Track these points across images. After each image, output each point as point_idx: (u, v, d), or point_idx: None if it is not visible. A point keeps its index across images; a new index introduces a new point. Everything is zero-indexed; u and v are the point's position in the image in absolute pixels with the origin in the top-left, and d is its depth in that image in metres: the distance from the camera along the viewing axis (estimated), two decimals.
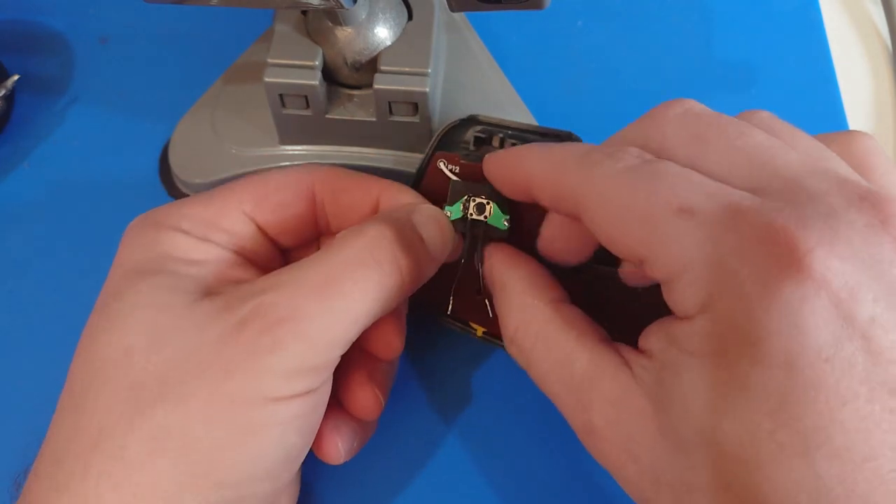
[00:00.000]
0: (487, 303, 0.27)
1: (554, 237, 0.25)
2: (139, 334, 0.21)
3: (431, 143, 0.28)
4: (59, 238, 0.34)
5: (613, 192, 0.20)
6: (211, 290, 0.23)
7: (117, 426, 0.20)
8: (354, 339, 0.23)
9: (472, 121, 0.29)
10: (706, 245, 0.18)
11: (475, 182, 0.27)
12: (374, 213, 0.27)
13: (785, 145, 0.20)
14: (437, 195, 0.28)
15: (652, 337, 0.20)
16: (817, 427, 0.17)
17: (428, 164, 0.28)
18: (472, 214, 0.26)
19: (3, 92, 0.35)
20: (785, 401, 0.17)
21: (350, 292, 0.22)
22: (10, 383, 0.31)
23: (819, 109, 0.37)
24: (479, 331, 0.29)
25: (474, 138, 0.28)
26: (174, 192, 0.34)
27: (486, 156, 0.26)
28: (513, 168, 0.24)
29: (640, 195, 0.20)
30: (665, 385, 0.19)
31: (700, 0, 0.39)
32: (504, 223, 0.26)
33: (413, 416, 0.31)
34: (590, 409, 0.21)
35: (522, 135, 0.28)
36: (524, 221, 0.27)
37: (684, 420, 0.18)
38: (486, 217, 0.26)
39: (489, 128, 0.28)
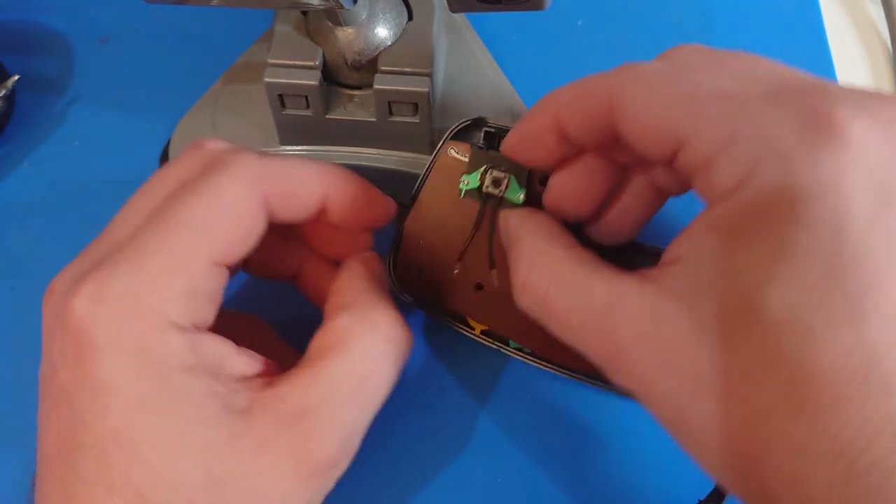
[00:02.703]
0: (494, 273, 0.27)
1: (564, 184, 0.25)
2: (198, 487, 0.21)
3: (444, 138, 0.28)
4: (59, 238, 0.34)
5: (653, 80, 0.21)
6: (237, 405, 0.22)
7: None
8: None
9: (480, 123, 0.29)
10: (748, 120, 0.19)
11: (496, 153, 0.27)
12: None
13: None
14: (445, 191, 0.28)
15: (681, 241, 0.20)
16: (868, 292, 0.16)
17: (436, 158, 0.28)
18: (488, 187, 0.27)
19: (3, 92, 0.35)
20: (834, 264, 0.17)
21: (381, 388, 0.24)
22: (10, 383, 0.31)
23: None
24: (478, 329, 0.29)
25: (484, 132, 0.29)
26: None
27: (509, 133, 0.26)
28: (540, 109, 0.24)
29: (680, 81, 0.20)
30: (701, 278, 0.19)
31: (700, 0, 0.39)
32: (520, 197, 0.26)
33: (412, 417, 0.31)
34: (615, 329, 0.20)
35: None
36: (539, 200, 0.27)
37: (725, 304, 0.18)
38: (501, 191, 0.26)
39: (498, 129, 0.29)
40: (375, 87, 0.29)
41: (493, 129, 0.29)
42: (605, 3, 0.39)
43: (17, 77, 0.35)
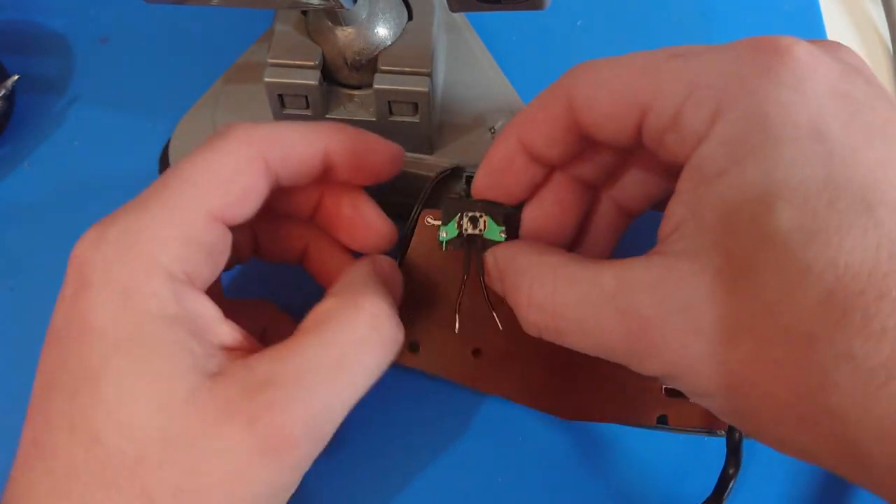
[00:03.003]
0: (496, 315, 0.26)
1: (537, 216, 0.26)
2: (152, 441, 0.20)
3: (420, 199, 0.28)
4: (59, 238, 0.34)
5: (604, 63, 0.22)
6: (208, 367, 0.21)
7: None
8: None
9: (458, 171, 0.29)
10: (702, 68, 0.20)
11: (467, 200, 0.27)
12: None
13: None
14: (427, 258, 0.28)
15: (673, 209, 0.20)
16: (869, 187, 0.17)
17: (416, 224, 0.28)
18: (467, 229, 0.26)
19: (3, 92, 0.35)
20: (829, 168, 0.17)
21: (358, 375, 0.22)
22: (10, 383, 0.31)
23: None
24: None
25: (465, 178, 0.29)
26: None
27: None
28: (502, 139, 0.25)
29: (632, 58, 0.21)
30: (704, 227, 0.18)
31: (700, 0, 0.39)
32: (500, 234, 0.26)
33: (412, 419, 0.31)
34: (633, 306, 0.19)
35: None
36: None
37: (739, 241, 0.18)
38: (482, 230, 0.26)
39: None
40: (375, 86, 0.29)
41: (472, 175, 0.28)
42: (605, 3, 0.39)
43: (17, 77, 0.35)
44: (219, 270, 0.24)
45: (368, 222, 0.27)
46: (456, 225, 0.26)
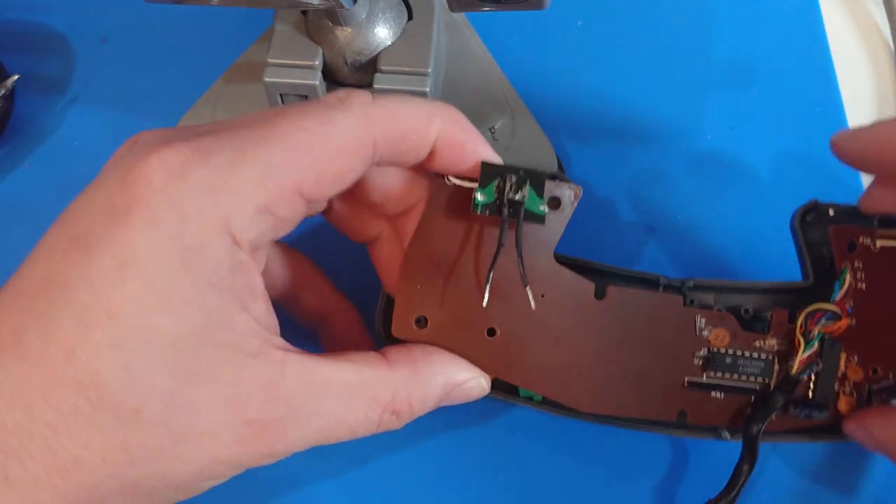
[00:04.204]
0: (529, 292, 0.25)
1: None
2: (154, 397, 0.20)
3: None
4: None
5: None
6: (240, 345, 0.21)
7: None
8: None
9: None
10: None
11: (506, 165, 0.25)
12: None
13: None
14: (445, 215, 0.25)
15: None
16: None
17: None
18: (510, 194, 0.24)
19: (3, 92, 0.35)
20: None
21: (358, 433, 0.23)
22: None
23: (819, 109, 0.37)
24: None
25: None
26: None
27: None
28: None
29: None
30: None
31: (700, 0, 0.39)
32: (542, 208, 0.25)
33: None
34: None
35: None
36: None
37: None
38: (524, 196, 0.24)
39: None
40: (375, 86, 0.29)
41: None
42: (605, 3, 0.39)
43: (17, 77, 0.35)
44: (282, 234, 0.23)
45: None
46: (495, 188, 0.24)
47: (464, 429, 0.31)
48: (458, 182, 0.25)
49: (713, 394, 0.27)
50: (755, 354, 0.27)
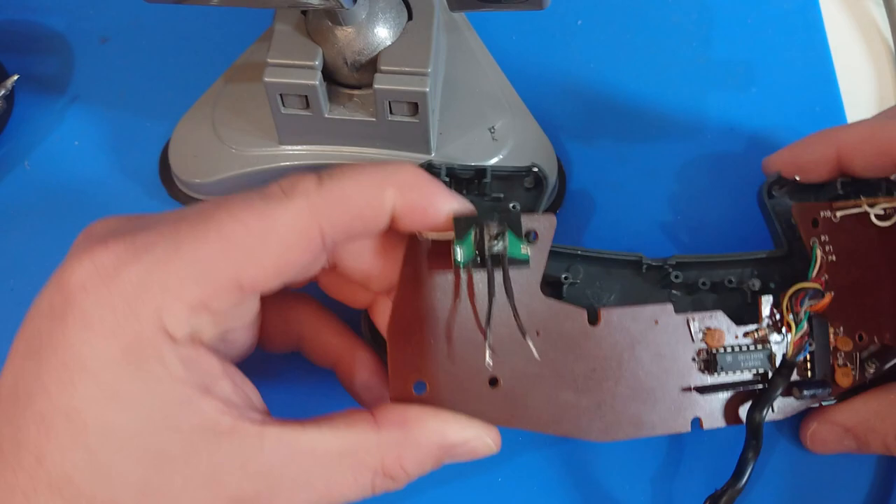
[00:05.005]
0: (531, 342, 0.24)
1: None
2: (128, 489, 0.20)
3: None
4: (59, 238, 0.34)
5: None
6: (208, 426, 0.21)
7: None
8: None
9: (431, 169, 0.28)
10: None
11: (479, 211, 0.24)
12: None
13: None
14: (423, 273, 0.25)
15: None
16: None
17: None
18: (491, 248, 0.23)
19: (3, 92, 0.35)
20: None
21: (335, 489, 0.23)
22: None
23: (819, 109, 0.37)
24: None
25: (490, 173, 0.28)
26: (174, 192, 0.34)
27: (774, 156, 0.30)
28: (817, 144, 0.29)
29: None
30: None
31: (700, 0, 0.39)
32: (524, 252, 0.24)
33: None
34: None
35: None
36: None
37: None
38: (505, 247, 0.23)
39: (449, 169, 0.28)
40: (375, 86, 0.29)
41: (437, 167, 0.28)
42: (605, 3, 0.39)
43: (16, 77, 0.35)
44: (236, 322, 0.23)
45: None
46: (473, 241, 0.23)
47: None
48: (432, 237, 0.24)
49: (721, 394, 0.27)
50: (753, 347, 0.27)
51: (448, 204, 0.24)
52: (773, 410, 0.27)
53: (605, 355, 0.26)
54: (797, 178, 0.30)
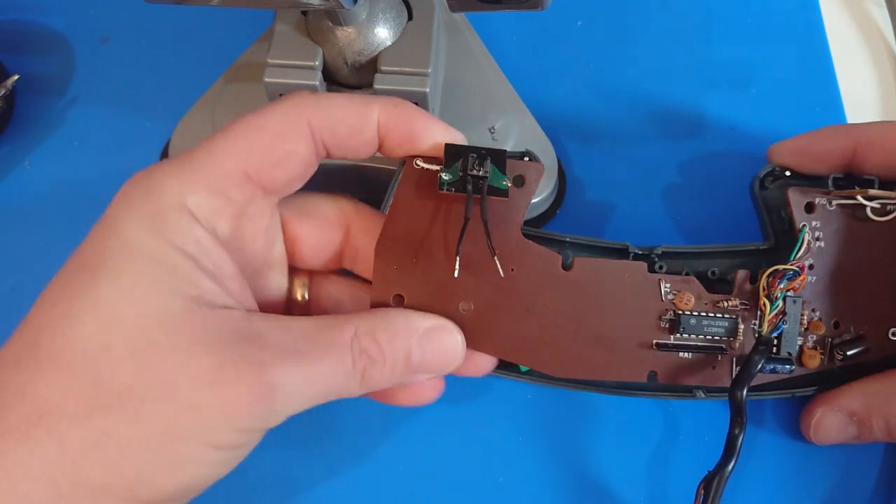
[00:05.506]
0: (497, 260, 0.26)
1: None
2: (124, 341, 0.21)
3: (393, 181, 0.27)
4: (59, 238, 0.34)
5: None
6: (207, 299, 0.23)
7: (64, 416, 0.21)
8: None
9: (426, 159, 0.28)
10: None
11: (470, 145, 0.26)
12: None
13: None
14: (414, 197, 0.26)
15: None
16: None
17: (399, 174, 0.27)
18: (472, 170, 0.25)
19: (3, 92, 0.35)
20: None
21: (321, 378, 0.24)
22: None
23: (818, 109, 0.37)
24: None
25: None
26: None
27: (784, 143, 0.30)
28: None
29: None
30: None
31: (700, 0, 0.39)
32: (504, 183, 0.26)
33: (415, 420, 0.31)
34: None
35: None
36: None
37: None
38: (487, 171, 0.25)
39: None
40: (375, 86, 0.29)
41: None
42: (605, 3, 0.39)
43: (16, 77, 0.35)
44: (240, 225, 0.25)
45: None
46: (459, 167, 0.26)
47: (458, 405, 0.31)
48: (424, 165, 0.26)
49: (681, 354, 0.28)
50: (719, 314, 0.28)
51: (435, 125, 0.26)
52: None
53: (574, 300, 0.27)
54: (788, 173, 0.30)
